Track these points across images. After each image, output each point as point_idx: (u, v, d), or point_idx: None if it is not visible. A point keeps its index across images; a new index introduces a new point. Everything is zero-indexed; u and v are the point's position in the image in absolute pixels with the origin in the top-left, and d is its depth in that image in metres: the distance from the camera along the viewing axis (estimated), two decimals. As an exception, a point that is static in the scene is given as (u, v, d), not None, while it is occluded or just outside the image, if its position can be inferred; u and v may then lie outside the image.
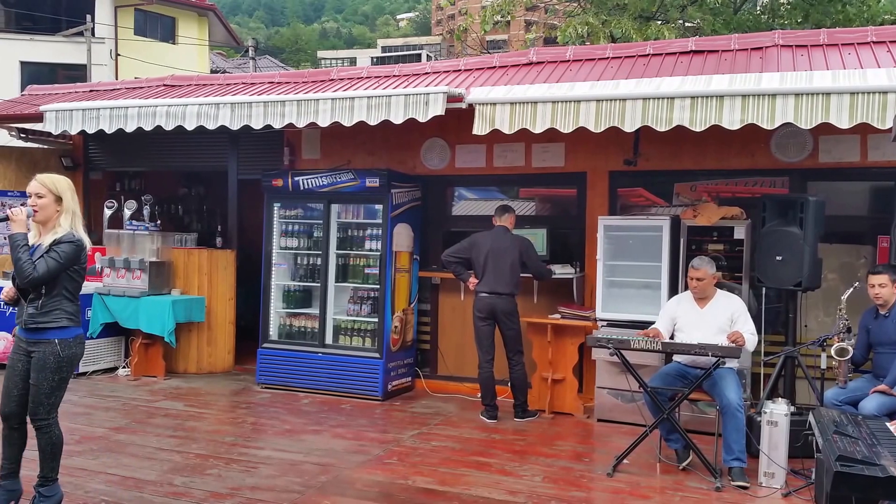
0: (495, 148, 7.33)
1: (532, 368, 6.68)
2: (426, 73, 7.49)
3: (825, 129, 5.20)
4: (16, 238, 3.82)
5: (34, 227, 3.98)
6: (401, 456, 5.37)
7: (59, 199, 3.93)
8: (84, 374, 7.69)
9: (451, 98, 6.16)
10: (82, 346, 4.08)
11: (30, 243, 3.88)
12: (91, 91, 9.17)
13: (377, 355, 7.09)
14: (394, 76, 7.58)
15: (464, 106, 6.14)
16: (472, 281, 6.53)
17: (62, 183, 3.97)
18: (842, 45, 6.32)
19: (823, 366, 5.26)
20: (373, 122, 6.35)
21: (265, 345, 7.57)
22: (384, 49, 59.32)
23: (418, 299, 7.61)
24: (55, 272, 3.84)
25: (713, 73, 5.87)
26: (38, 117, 7.93)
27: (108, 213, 8.59)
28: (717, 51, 6.63)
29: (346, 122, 6.43)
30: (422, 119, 6.19)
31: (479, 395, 6.54)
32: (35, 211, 3.90)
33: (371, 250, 7.26)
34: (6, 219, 3.86)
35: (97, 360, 7.84)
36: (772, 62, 6.14)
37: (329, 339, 7.38)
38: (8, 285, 4.05)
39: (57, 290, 3.91)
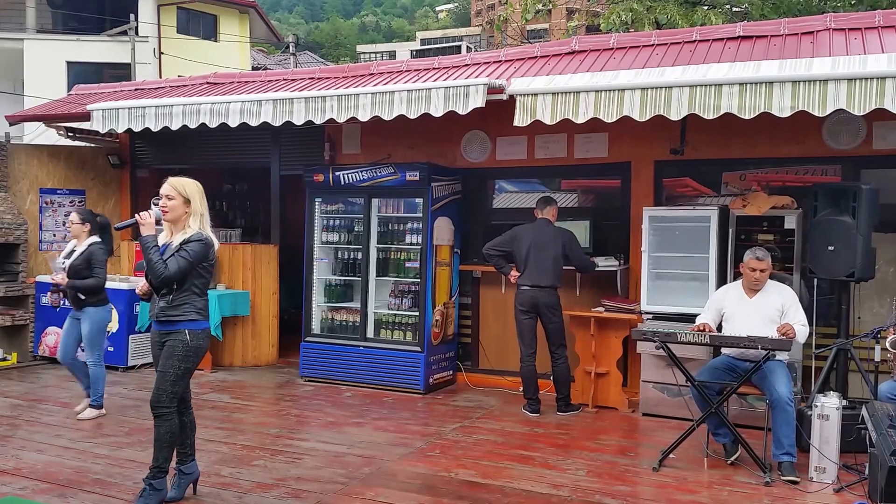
0: (536, 139, 7.26)
1: (575, 362, 6.61)
2: (466, 65, 7.45)
3: (879, 114, 5.01)
4: (146, 240, 4.07)
5: (166, 226, 4.24)
6: (443, 449, 5.37)
7: (187, 202, 4.15)
8: (133, 367, 7.86)
9: (492, 90, 6.09)
10: (208, 340, 4.31)
11: (160, 242, 4.15)
12: (136, 90, 9.28)
13: (418, 349, 7.09)
14: (433, 69, 7.54)
15: (505, 97, 6.08)
16: (514, 274, 6.49)
17: (191, 186, 4.18)
18: (898, 26, 6.09)
19: (877, 358, 5.12)
20: (412, 115, 6.31)
21: (308, 338, 7.64)
22: (423, 42, 59.26)
23: (459, 293, 7.59)
24: (185, 270, 4.07)
25: (762, 59, 5.72)
26: (86, 116, 8.03)
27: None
28: (766, 36, 6.45)
29: (386, 116, 6.42)
30: (462, 111, 6.13)
31: (521, 388, 6.51)
32: (164, 211, 4.14)
33: (411, 244, 7.26)
34: (135, 223, 4.12)
35: (146, 354, 7.97)
36: (823, 47, 5.96)
37: (370, 333, 7.41)
38: (142, 282, 4.33)
39: (187, 286, 4.13)
